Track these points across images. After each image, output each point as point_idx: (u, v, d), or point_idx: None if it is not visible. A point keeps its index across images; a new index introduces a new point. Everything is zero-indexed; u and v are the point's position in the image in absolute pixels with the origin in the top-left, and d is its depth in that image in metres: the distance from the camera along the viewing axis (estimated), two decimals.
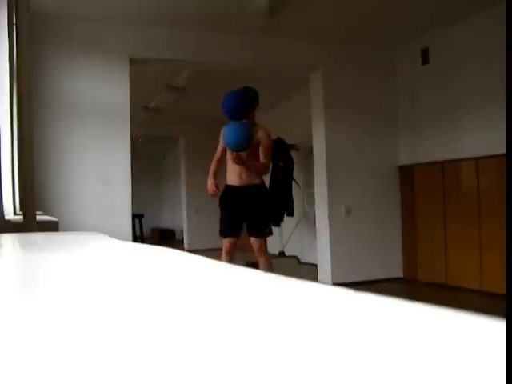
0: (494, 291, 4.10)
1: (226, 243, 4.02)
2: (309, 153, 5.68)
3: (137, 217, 8.91)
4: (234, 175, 3.99)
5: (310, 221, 6.59)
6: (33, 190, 1.98)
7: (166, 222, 13.19)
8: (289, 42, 5.14)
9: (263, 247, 3.97)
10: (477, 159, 4.62)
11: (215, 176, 4.05)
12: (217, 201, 4.11)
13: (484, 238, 4.51)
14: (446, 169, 4.98)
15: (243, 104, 3.91)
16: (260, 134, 3.92)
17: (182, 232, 10.27)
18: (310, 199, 6.27)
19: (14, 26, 2.41)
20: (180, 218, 10.35)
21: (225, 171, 4.08)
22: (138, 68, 5.00)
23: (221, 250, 4.06)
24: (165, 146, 12.49)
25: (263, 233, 3.97)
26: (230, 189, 4.03)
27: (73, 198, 4.35)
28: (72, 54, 4.46)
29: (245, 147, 3.78)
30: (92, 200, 4.42)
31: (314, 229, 5.59)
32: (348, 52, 5.43)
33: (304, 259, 6.87)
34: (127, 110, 4.60)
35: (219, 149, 4.09)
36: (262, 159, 3.92)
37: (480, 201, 4.57)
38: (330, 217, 5.31)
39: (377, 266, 5.42)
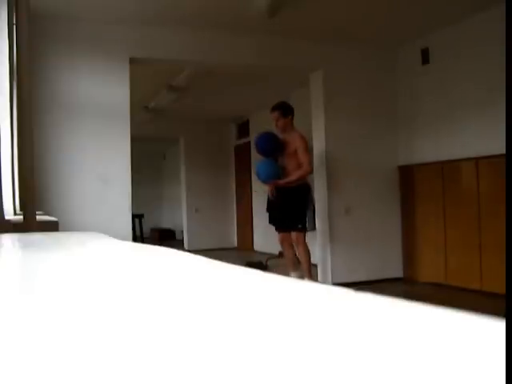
0: (494, 291, 4.10)
1: (278, 236, 4.94)
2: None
3: (137, 217, 8.91)
4: None
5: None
6: (33, 190, 1.98)
7: (165, 222, 13.18)
8: (289, 42, 5.14)
9: (299, 240, 4.72)
10: (477, 159, 4.62)
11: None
12: (216, 201, 4.31)
13: (484, 237, 4.50)
14: (446, 169, 4.98)
15: (274, 149, 4.74)
16: (296, 140, 4.66)
17: (181, 232, 10.27)
18: None
19: (14, 26, 2.41)
20: (180, 217, 10.35)
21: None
22: (138, 68, 5.01)
23: (220, 249, 4.25)
24: (165, 145, 12.49)
25: (295, 227, 4.72)
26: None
27: (73, 198, 4.35)
28: (72, 54, 4.46)
29: (272, 179, 4.77)
30: (92, 200, 4.42)
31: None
32: (348, 52, 5.42)
33: None
34: (127, 110, 4.60)
35: None
36: (300, 164, 4.68)
37: (480, 201, 4.57)
38: (329, 217, 5.31)
39: (377, 266, 5.42)
